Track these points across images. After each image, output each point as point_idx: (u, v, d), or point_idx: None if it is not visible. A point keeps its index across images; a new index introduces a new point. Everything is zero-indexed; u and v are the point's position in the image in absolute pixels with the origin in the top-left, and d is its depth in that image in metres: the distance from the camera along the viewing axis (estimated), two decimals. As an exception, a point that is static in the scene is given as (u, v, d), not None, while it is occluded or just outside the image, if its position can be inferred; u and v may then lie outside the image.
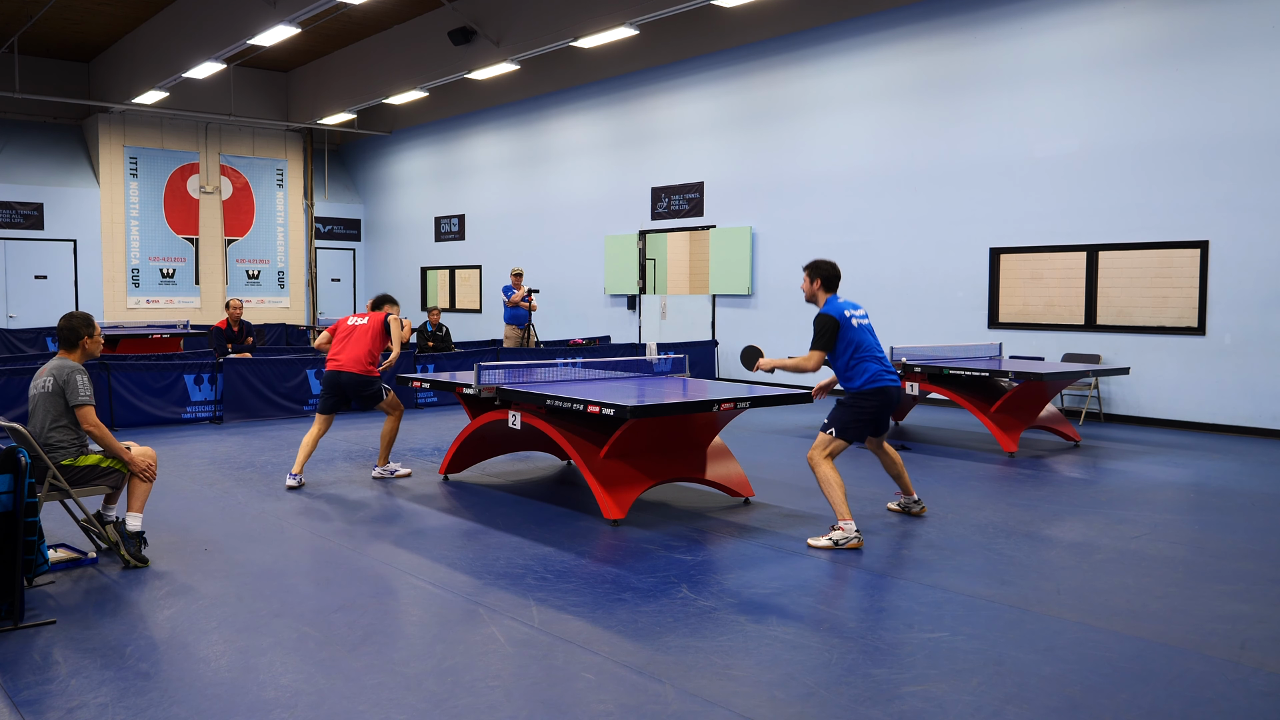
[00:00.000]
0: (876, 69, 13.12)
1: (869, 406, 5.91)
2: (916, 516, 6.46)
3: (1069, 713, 3.50)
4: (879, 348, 6.02)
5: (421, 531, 6.09)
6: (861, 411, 5.92)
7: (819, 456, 5.88)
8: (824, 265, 6.08)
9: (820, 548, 5.69)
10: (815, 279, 6.06)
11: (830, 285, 6.08)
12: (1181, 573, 5.24)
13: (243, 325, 12.55)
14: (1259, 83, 9.85)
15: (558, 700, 3.59)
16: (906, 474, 6.49)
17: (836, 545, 5.68)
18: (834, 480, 5.79)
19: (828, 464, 5.86)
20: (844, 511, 5.73)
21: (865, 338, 5.94)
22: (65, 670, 3.85)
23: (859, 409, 5.92)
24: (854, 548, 5.67)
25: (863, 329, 5.96)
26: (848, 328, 5.91)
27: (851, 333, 5.91)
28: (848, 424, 5.92)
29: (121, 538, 5.25)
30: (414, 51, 17.15)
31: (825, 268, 6.07)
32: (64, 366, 5.20)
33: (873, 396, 5.90)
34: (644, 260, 16.48)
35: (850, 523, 5.71)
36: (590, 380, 7.49)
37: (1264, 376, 9.96)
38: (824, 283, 6.07)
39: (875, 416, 5.97)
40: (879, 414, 5.98)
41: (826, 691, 3.67)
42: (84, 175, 20.40)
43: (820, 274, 6.06)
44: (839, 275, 6.11)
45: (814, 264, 6.10)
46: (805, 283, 6.10)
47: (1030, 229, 11.63)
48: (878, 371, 5.90)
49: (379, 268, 23.61)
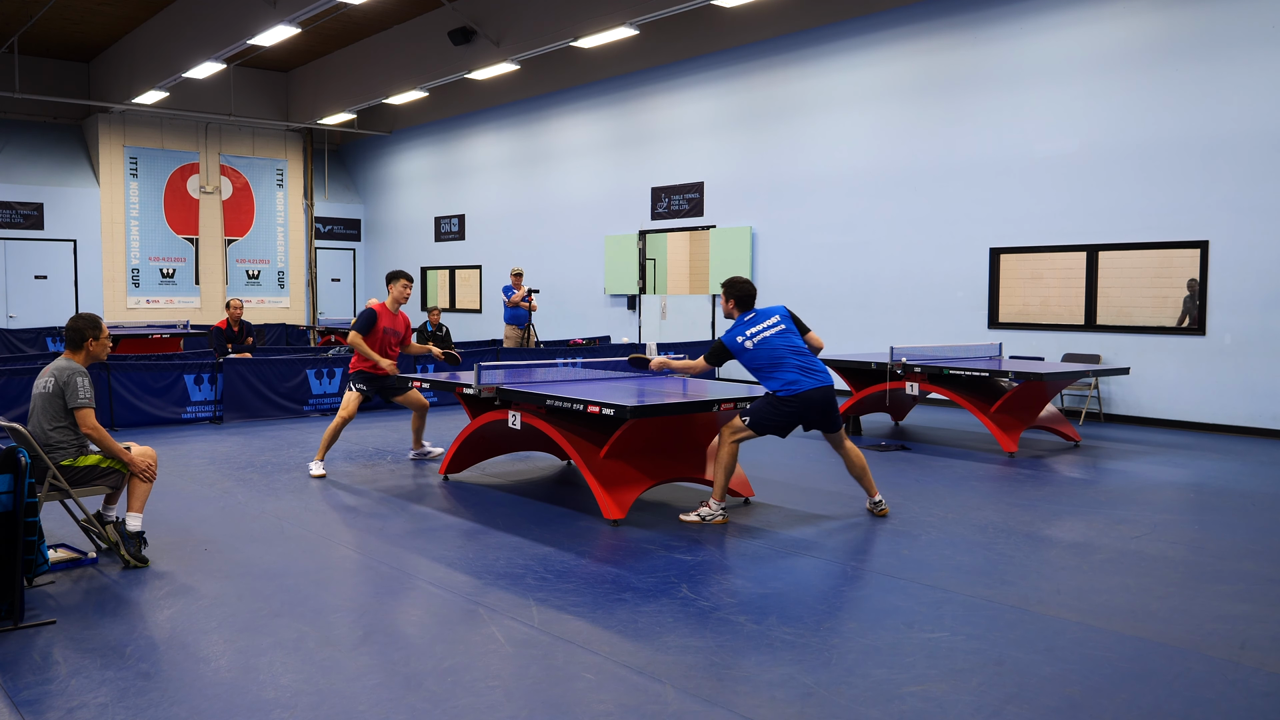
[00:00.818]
0: (876, 69, 13.12)
1: (786, 410, 6.12)
2: (879, 517, 6.44)
3: (1069, 713, 3.50)
4: (800, 351, 6.22)
5: (421, 531, 6.09)
6: (778, 413, 6.13)
7: (728, 437, 6.15)
8: (738, 284, 6.42)
9: (690, 521, 6.17)
10: (729, 299, 6.43)
11: (744, 304, 6.43)
12: (1181, 573, 5.24)
13: (243, 325, 12.55)
14: (1259, 83, 9.85)
15: (558, 700, 3.59)
16: (869, 474, 6.49)
17: (704, 520, 6.15)
18: (727, 463, 6.12)
19: (732, 447, 6.14)
20: (721, 491, 6.15)
21: (774, 352, 6.15)
22: (65, 670, 3.85)
23: (776, 410, 6.14)
24: (719, 523, 6.13)
25: (771, 341, 6.19)
26: (740, 352, 6.21)
27: (747, 356, 6.20)
28: (762, 419, 6.15)
29: (121, 538, 5.25)
30: (414, 51, 17.15)
31: (739, 287, 6.42)
32: (65, 368, 5.19)
33: (789, 402, 6.10)
34: (644, 260, 16.48)
35: (719, 503, 6.16)
36: (590, 380, 7.49)
37: (1264, 376, 9.96)
38: (738, 302, 6.43)
39: (794, 419, 6.16)
40: (799, 417, 6.15)
41: (826, 691, 3.67)
42: (84, 175, 20.40)
43: (735, 294, 6.42)
44: (753, 294, 6.47)
45: (728, 283, 6.45)
46: (723, 301, 6.49)
47: (1030, 229, 11.63)
48: (795, 378, 6.11)
49: (379, 268, 23.60)
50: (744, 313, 6.44)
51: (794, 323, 6.44)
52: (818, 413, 6.18)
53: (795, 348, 6.26)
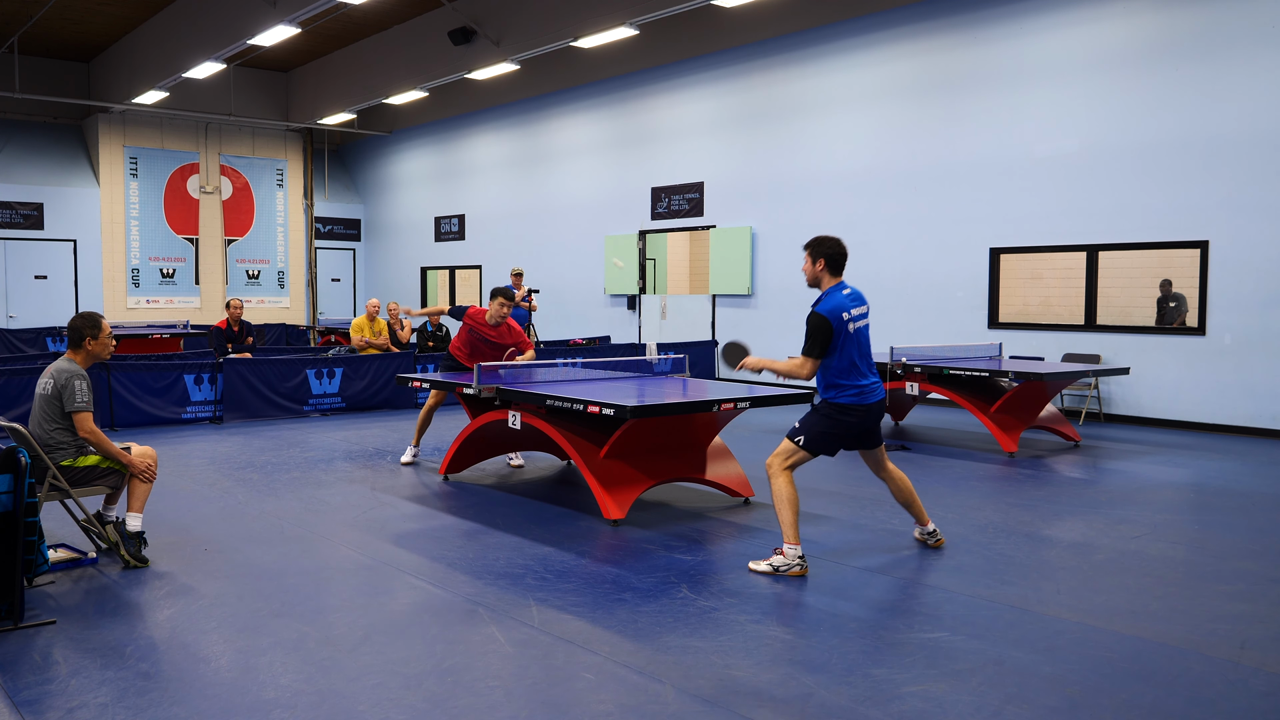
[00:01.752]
0: (876, 69, 13.12)
1: (848, 422, 5.21)
2: (933, 549, 5.63)
3: (1069, 713, 3.50)
4: (870, 354, 5.30)
5: (421, 531, 6.09)
6: (838, 425, 5.21)
7: (779, 466, 5.18)
8: (828, 243, 5.20)
9: (759, 572, 5.11)
10: (818, 259, 5.21)
11: (836, 268, 5.21)
12: (1181, 573, 5.24)
13: (243, 325, 12.56)
14: (1259, 83, 9.85)
15: (558, 700, 3.59)
16: (919, 500, 5.63)
17: (776, 571, 5.07)
18: (788, 497, 5.10)
19: (786, 476, 5.15)
20: (791, 535, 5.08)
21: (859, 346, 5.20)
22: (65, 670, 3.85)
23: (836, 422, 5.21)
24: (797, 575, 5.06)
25: (859, 334, 5.20)
26: (842, 334, 5.12)
27: (844, 340, 5.13)
28: (819, 435, 5.21)
29: (121, 538, 5.25)
30: (414, 51, 17.15)
31: (829, 246, 5.19)
32: (64, 370, 5.16)
33: (853, 412, 5.20)
34: (644, 260, 16.48)
35: (796, 548, 5.09)
36: (590, 380, 7.49)
37: (1264, 376, 9.96)
38: (828, 264, 5.20)
39: (853, 433, 5.27)
40: (858, 430, 5.27)
41: (826, 691, 3.67)
42: (84, 175, 20.40)
43: (824, 253, 5.20)
44: (845, 255, 5.25)
45: (816, 242, 5.24)
46: (806, 263, 5.25)
47: (1030, 229, 11.63)
48: (865, 384, 5.20)
49: (379, 268, 23.61)
50: (838, 282, 5.23)
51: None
52: (872, 426, 5.32)
53: (869, 348, 5.31)
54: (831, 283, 5.24)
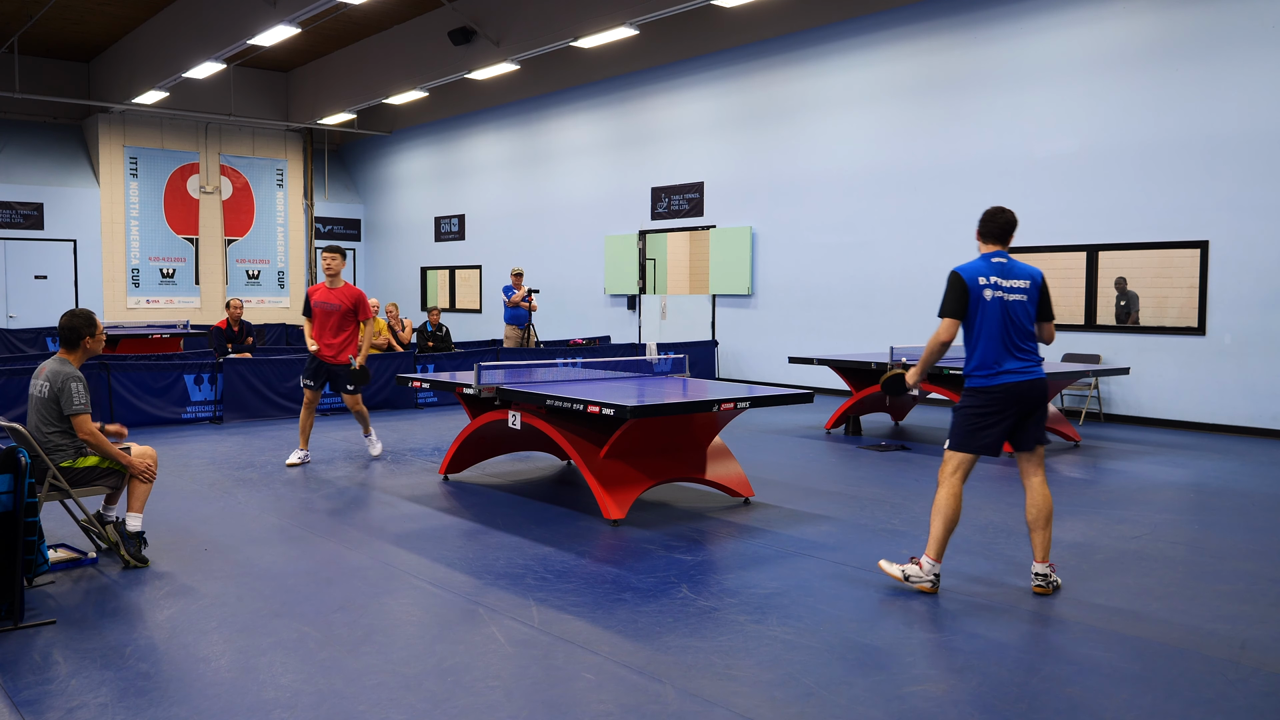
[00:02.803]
0: (876, 69, 13.12)
1: (984, 404, 4.77)
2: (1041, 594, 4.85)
3: (1069, 713, 3.50)
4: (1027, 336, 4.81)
5: (421, 531, 6.09)
6: (977, 413, 4.79)
7: (944, 475, 4.87)
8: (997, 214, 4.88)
9: (888, 573, 4.93)
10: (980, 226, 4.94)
11: (1000, 238, 4.86)
12: (1181, 573, 5.24)
13: (243, 325, 12.55)
14: (1259, 83, 9.85)
15: (558, 700, 3.59)
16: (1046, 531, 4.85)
17: (907, 580, 4.84)
18: (944, 510, 4.76)
19: (948, 486, 4.82)
20: (934, 549, 4.79)
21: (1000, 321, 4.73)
22: (65, 670, 3.85)
23: (973, 409, 4.80)
24: (924, 590, 4.80)
25: (1002, 307, 4.73)
26: (975, 300, 4.72)
27: (980, 310, 4.73)
28: (961, 432, 4.84)
29: (121, 538, 5.24)
30: (414, 51, 17.15)
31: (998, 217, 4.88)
32: (60, 372, 5.10)
33: (987, 394, 4.76)
34: (644, 260, 16.48)
35: (933, 564, 4.78)
36: (590, 380, 7.49)
37: (1264, 376, 9.96)
38: (983, 233, 4.90)
39: (998, 418, 4.77)
40: (1003, 414, 4.77)
41: (826, 691, 3.67)
42: (84, 175, 20.40)
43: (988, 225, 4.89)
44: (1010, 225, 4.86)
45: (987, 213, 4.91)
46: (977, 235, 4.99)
47: (1030, 229, 11.60)
48: (1002, 365, 4.75)
49: (379, 268, 23.61)
50: (995, 251, 4.86)
51: (1040, 300, 4.90)
52: (1025, 412, 4.80)
53: (1022, 329, 4.80)
54: (986, 249, 4.91)
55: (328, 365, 8.18)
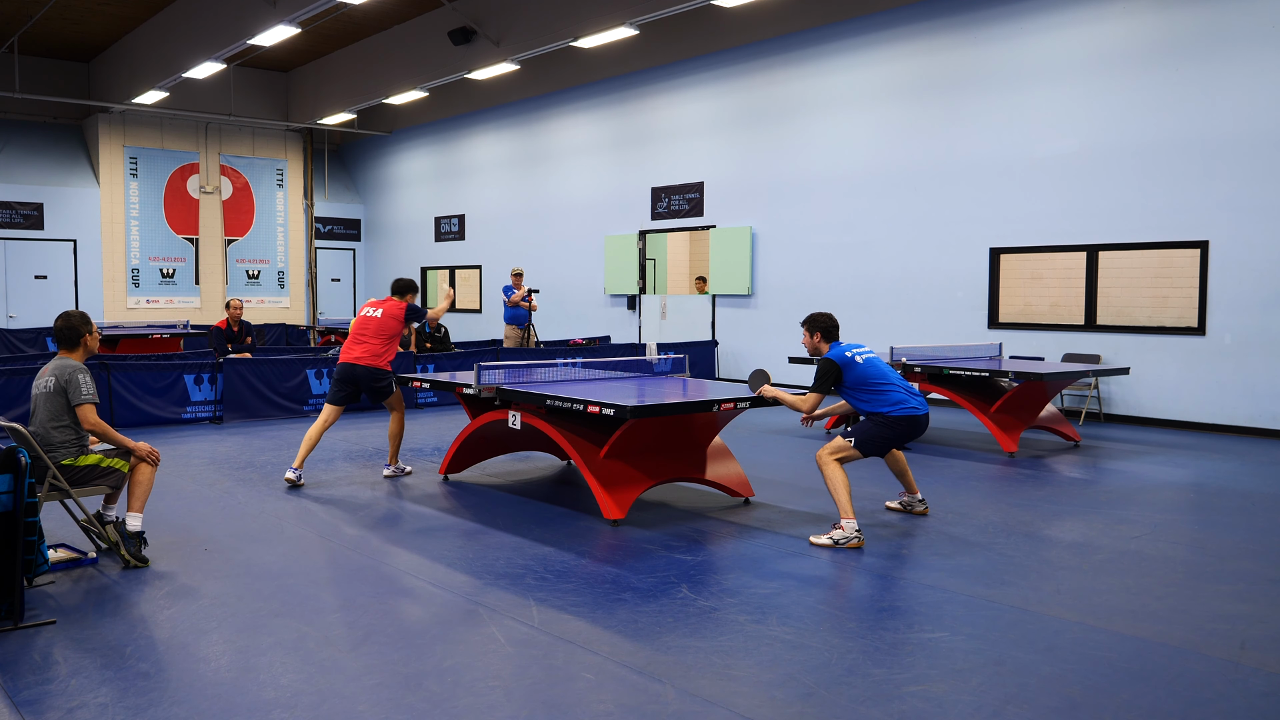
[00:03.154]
0: (876, 69, 13.12)
1: (898, 430, 5.98)
2: (919, 515, 6.47)
3: (1069, 713, 3.50)
4: (896, 377, 6.07)
5: (421, 531, 6.09)
6: (889, 432, 5.98)
7: (828, 457, 5.91)
8: (820, 318, 6.12)
9: (821, 545, 5.71)
10: (814, 332, 6.12)
11: (830, 336, 6.14)
12: (1181, 573, 5.24)
13: (243, 325, 12.55)
14: (1259, 83, 9.85)
15: (558, 700, 3.59)
16: (910, 472, 6.51)
17: (837, 544, 5.68)
18: (840, 480, 5.81)
19: (835, 465, 5.88)
20: (848, 510, 5.73)
21: (879, 369, 6.02)
22: (65, 670, 3.85)
23: (888, 428, 5.97)
24: (854, 547, 5.68)
25: (871, 362, 6.03)
26: (851, 366, 5.97)
27: (858, 370, 5.97)
28: (871, 439, 5.98)
29: (121, 538, 5.25)
30: (414, 51, 17.15)
31: (822, 320, 6.12)
32: (66, 366, 5.21)
33: (901, 423, 5.96)
34: (644, 260, 16.48)
35: (852, 521, 5.71)
36: (590, 380, 7.49)
37: (1264, 376, 9.96)
38: (823, 334, 6.13)
39: (899, 440, 6.05)
40: (904, 438, 6.05)
41: (826, 691, 3.67)
42: (84, 175, 20.40)
43: (819, 327, 6.12)
44: (837, 325, 6.18)
45: (810, 319, 6.14)
46: (805, 337, 6.17)
47: (1030, 229, 11.63)
48: (904, 399, 5.97)
49: (379, 268, 23.61)
50: (834, 343, 6.20)
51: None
52: (914, 437, 6.13)
53: (893, 371, 6.15)
54: (827, 347, 6.12)
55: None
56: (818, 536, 5.80)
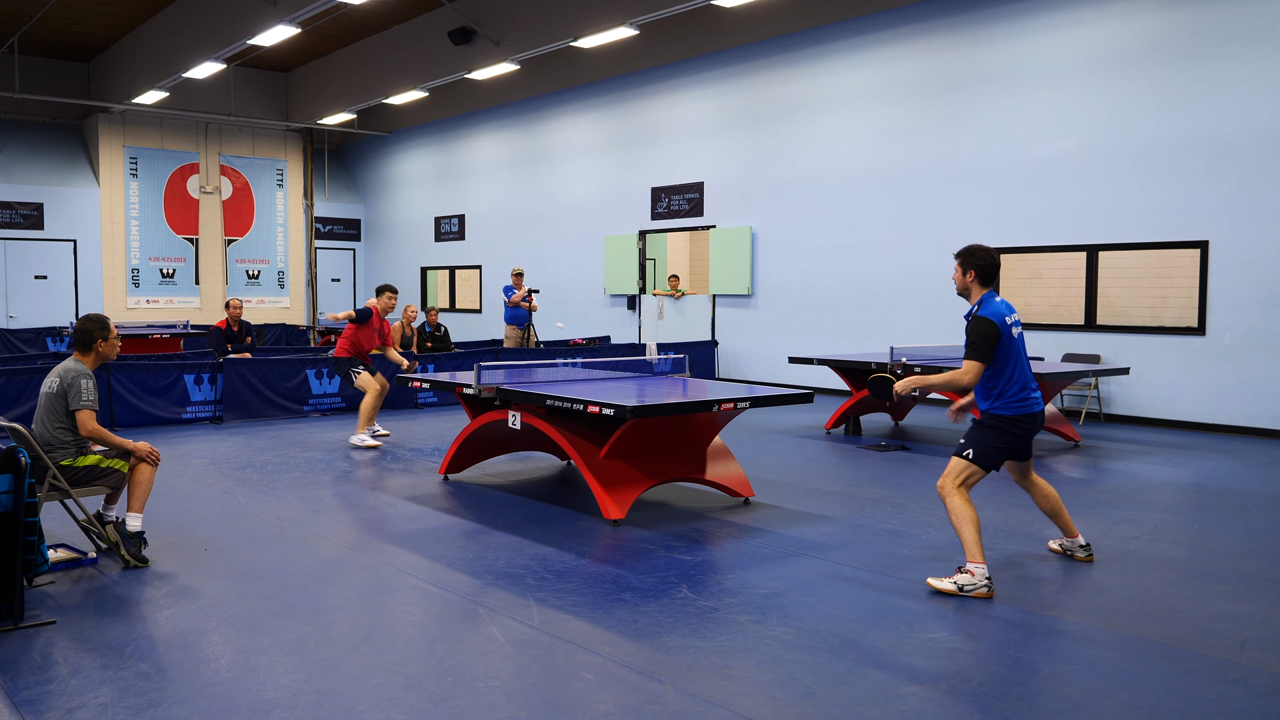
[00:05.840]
0: (876, 69, 13.12)
1: (1016, 433, 5.08)
2: (1082, 561, 5.43)
3: (1069, 713, 3.50)
4: (1029, 364, 5.17)
5: (421, 531, 6.09)
6: (1009, 437, 5.07)
7: (951, 485, 5.03)
8: (980, 254, 5.11)
9: (942, 590, 4.86)
10: (969, 270, 5.14)
11: (987, 278, 5.12)
12: (1181, 573, 5.24)
13: (242, 325, 12.55)
14: (1259, 83, 9.85)
15: (558, 700, 3.59)
16: (1066, 511, 5.48)
17: (961, 591, 4.81)
18: (967, 515, 4.93)
19: (960, 495, 5.00)
20: (975, 553, 4.85)
21: (1022, 351, 5.11)
22: (65, 670, 3.85)
23: (1006, 434, 5.06)
24: (982, 596, 4.79)
25: (1020, 340, 5.12)
26: (1008, 339, 5.00)
27: (1009, 347, 5.00)
28: (990, 449, 5.05)
29: (121, 538, 5.25)
30: (414, 51, 17.15)
31: (981, 257, 5.10)
32: (71, 369, 5.22)
33: (1020, 423, 5.06)
34: (644, 260, 16.48)
35: (982, 567, 4.83)
36: (590, 380, 7.49)
37: (1264, 376, 9.96)
38: (979, 275, 5.12)
39: (1020, 444, 5.15)
40: (1025, 441, 5.17)
41: (826, 691, 3.67)
42: (84, 175, 20.40)
43: (975, 264, 5.11)
44: (998, 266, 5.14)
45: (968, 252, 5.15)
46: (957, 274, 5.19)
47: (1030, 229, 11.63)
48: (1029, 392, 5.07)
49: (379, 268, 23.61)
50: (990, 290, 5.14)
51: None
52: (1035, 435, 5.22)
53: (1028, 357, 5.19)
54: (981, 292, 5.15)
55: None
56: (938, 580, 4.93)
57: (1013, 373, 5.01)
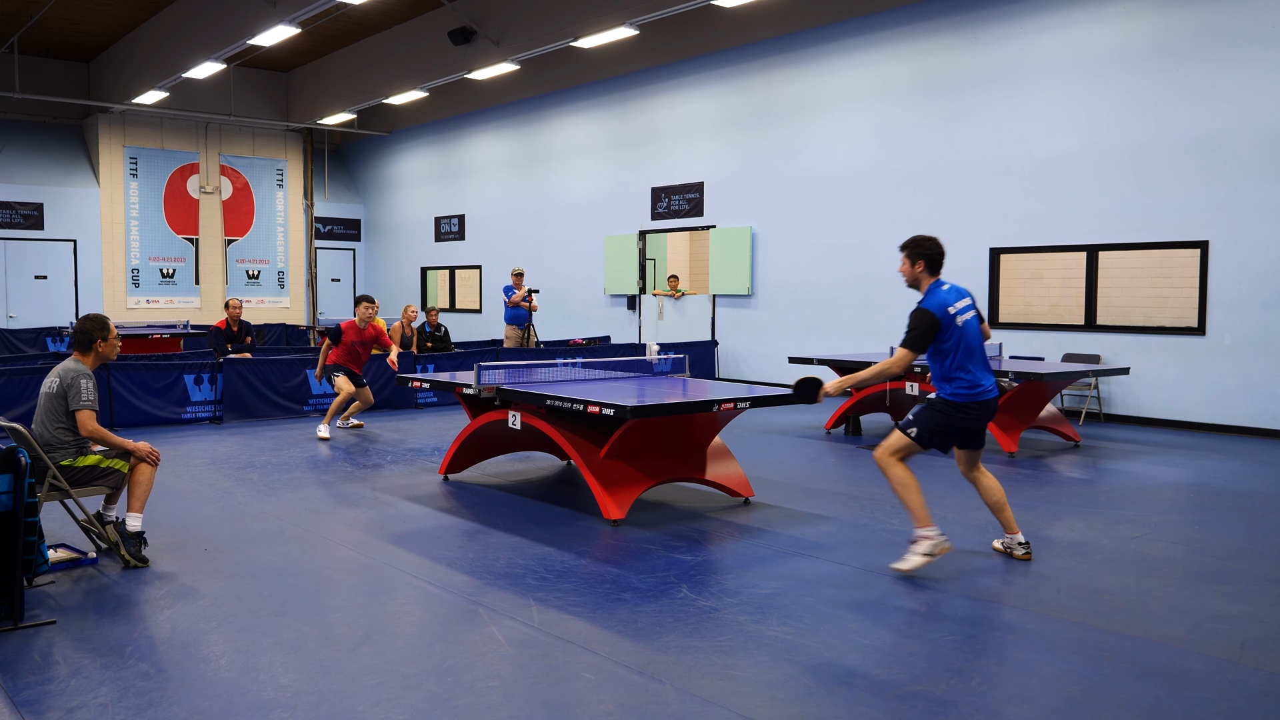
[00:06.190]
0: (876, 69, 13.12)
1: (965, 418, 5.09)
2: (1021, 560, 5.40)
3: (1069, 713, 3.50)
4: (983, 350, 5.19)
5: (421, 531, 6.09)
6: (956, 422, 5.09)
7: (889, 458, 5.11)
8: (925, 243, 5.18)
9: (910, 569, 5.00)
10: (916, 260, 5.18)
11: (935, 267, 5.18)
12: (1181, 573, 5.24)
13: (242, 325, 12.55)
14: (1259, 83, 9.85)
15: (558, 700, 3.59)
16: (1009, 508, 5.45)
17: (929, 557, 4.98)
18: (910, 483, 5.01)
19: (900, 466, 5.09)
20: (924, 516, 5.00)
21: (972, 338, 5.11)
22: (65, 670, 3.85)
23: (953, 419, 5.08)
24: (945, 551, 5.02)
25: (968, 326, 5.11)
26: (950, 327, 5.04)
27: (954, 332, 5.05)
28: (935, 431, 5.09)
29: (121, 538, 5.25)
30: (414, 51, 17.15)
31: (928, 246, 5.17)
32: (71, 369, 5.22)
33: (968, 409, 5.08)
34: (644, 260, 16.48)
35: (933, 528, 4.99)
36: (590, 380, 7.49)
37: (1264, 376, 9.96)
38: (927, 264, 5.17)
39: (969, 428, 5.16)
40: (974, 428, 5.16)
41: (826, 691, 3.67)
42: (84, 175, 20.40)
43: (922, 254, 5.17)
44: (943, 254, 5.21)
45: (914, 242, 5.20)
46: (904, 264, 5.22)
47: (1030, 229, 11.63)
48: (981, 380, 5.09)
49: (379, 268, 23.61)
50: (937, 280, 5.19)
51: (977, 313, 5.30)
52: (984, 425, 5.22)
53: (982, 345, 5.21)
54: (930, 281, 5.22)
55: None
56: (901, 563, 5.04)
57: (959, 359, 5.07)
